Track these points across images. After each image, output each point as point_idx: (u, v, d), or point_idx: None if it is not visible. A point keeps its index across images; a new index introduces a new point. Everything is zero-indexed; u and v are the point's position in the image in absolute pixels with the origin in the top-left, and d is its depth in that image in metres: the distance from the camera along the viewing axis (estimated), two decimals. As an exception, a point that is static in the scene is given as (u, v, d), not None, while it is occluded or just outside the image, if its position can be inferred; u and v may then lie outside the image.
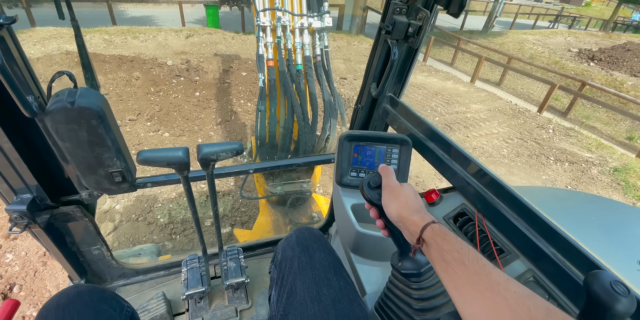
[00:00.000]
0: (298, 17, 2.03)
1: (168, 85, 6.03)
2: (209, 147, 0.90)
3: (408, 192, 0.68)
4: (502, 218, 0.85)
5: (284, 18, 2.00)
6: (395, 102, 1.23)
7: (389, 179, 0.72)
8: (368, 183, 0.75)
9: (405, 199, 0.67)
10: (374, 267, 1.08)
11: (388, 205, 0.68)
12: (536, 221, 0.79)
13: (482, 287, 0.46)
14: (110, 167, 0.94)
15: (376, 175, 0.77)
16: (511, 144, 5.98)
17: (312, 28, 2.11)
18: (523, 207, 0.82)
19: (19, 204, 0.96)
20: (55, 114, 0.78)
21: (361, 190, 0.76)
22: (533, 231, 0.80)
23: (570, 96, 8.28)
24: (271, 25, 2.02)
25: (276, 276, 0.91)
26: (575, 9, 28.74)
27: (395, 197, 0.68)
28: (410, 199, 0.67)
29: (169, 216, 3.43)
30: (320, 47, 2.16)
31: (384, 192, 0.70)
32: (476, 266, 0.49)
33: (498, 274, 0.47)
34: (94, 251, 1.30)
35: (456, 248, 0.54)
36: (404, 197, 0.67)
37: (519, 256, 0.84)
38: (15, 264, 2.72)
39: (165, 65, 6.55)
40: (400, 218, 0.64)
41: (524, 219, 0.82)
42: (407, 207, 0.65)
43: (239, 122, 5.51)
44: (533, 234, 0.80)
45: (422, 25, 0.99)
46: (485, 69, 10.15)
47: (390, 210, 0.67)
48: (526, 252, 0.82)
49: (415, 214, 0.63)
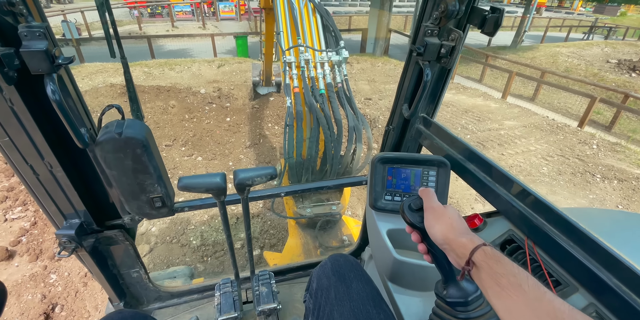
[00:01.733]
0: (318, 53, 2.27)
1: (201, 112, 6.35)
2: (245, 173, 0.92)
3: (452, 214, 0.66)
4: (555, 245, 0.78)
5: (306, 54, 2.25)
6: (428, 123, 1.21)
7: (431, 200, 0.70)
8: (409, 205, 0.73)
9: (449, 221, 0.64)
10: (414, 298, 1.02)
11: (432, 227, 0.65)
12: (596, 249, 0.72)
13: (543, 314, 0.42)
14: (152, 193, 0.98)
15: (417, 198, 0.75)
16: (551, 162, 5.63)
17: (331, 62, 2.31)
18: (579, 233, 0.75)
19: (68, 228, 1.02)
20: (104, 144, 0.83)
21: (402, 213, 0.74)
22: (593, 260, 0.73)
23: (613, 109, 7.77)
24: (295, 62, 2.25)
25: (312, 306, 0.87)
26: (610, 19, 27.65)
27: (439, 219, 0.65)
28: (455, 221, 0.64)
29: (201, 238, 3.49)
30: (340, 77, 2.31)
31: (427, 214, 0.68)
32: (536, 292, 0.45)
33: (561, 303, 0.43)
34: (133, 274, 1.33)
35: (512, 272, 0.49)
36: (448, 219, 0.64)
37: (578, 288, 0.76)
38: (58, 284, 2.85)
39: (199, 93, 6.94)
40: (446, 240, 0.62)
41: (582, 246, 0.75)
42: (453, 229, 0.62)
43: (267, 145, 5.64)
44: (593, 263, 0.72)
45: (455, 45, 0.98)
46: (517, 84, 9.84)
47: (435, 232, 0.64)
48: (586, 284, 0.74)
49: (463, 235, 0.60)
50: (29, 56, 0.68)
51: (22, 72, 0.71)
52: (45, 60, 0.68)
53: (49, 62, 0.69)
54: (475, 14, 0.95)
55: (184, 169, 4.80)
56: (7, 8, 0.65)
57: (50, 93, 0.70)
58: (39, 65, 0.69)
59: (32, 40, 0.68)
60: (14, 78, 0.69)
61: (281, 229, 3.64)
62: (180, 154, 5.15)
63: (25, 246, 3.13)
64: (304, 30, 2.34)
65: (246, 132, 5.95)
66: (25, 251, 3.09)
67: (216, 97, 6.86)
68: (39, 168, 0.92)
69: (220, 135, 5.75)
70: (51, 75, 0.70)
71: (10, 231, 3.29)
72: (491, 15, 0.89)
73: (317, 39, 2.35)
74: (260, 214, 3.87)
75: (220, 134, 5.79)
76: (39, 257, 3.06)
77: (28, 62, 0.68)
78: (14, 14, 0.68)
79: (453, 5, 0.92)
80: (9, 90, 0.77)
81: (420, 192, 0.74)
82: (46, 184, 0.95)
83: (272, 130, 6.10)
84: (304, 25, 2.36)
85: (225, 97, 6.94)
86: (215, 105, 6.65)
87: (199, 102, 6.63)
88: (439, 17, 0.99)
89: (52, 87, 0.70)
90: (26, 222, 3.42)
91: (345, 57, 2.32)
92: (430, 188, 0.77)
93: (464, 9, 0.94)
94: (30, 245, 3.15)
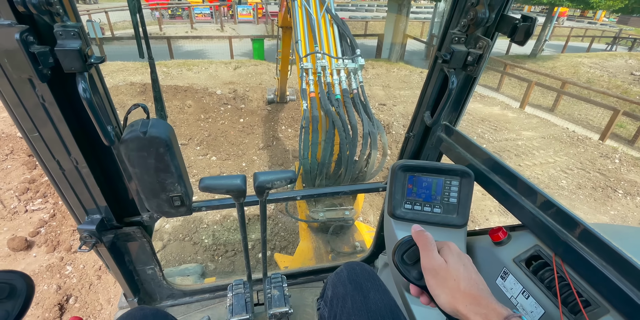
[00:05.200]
0: (335, 60, 2.32)
1: (216, 113, 6.44)
2: (265, 176, 0.91)
3: (458, 272, 0.51)
4: (586, 264, 0.75)
5: (323, 61, 2.30)
6: (450, 131, 1.19)
7: (428, 255, 0.56)
8: (402, 258, 0.60)
9: (456, 284, 0.50)
10: (432, 310, 0.99)
11: (436, 296, 0.53)
12: (629, 269, 0.68)
13: None
14: (172, 192, 0.99)
15: (410, 245, 0.61)
16: (570, 175, 5.48)
17: (347, 69, 2.33)
18: (611, 251, 0.71)
19: (89, 224, 1.03)
20: (129, 142, 0.84)
21: (396, 267, 0.61)
22: (626, 281, 0.69)
23: (637, 123, 7.52)
24: (312, 68, 2.29)
25: (327, 314, 0.86)
26: (635, 30, 26.89)
27: (443, 284, 0.52)
28: (463, 283, 0.49)
29: (213, 237, 3.52)
30: (356, 84, 2.33)
31: (427, 276, 0.55)
32: None
33: None
34: (148, 271, 1.35)
35: None
36: (454, 282, 0.50)
37: (610, 310, 0.72)
38: (73, 276, 2.91)
39: (215, 94, 7.04)
40: (457, 314, 0.49)
41: (614, 265, 0.71)
42: (463, 297, 0.49)
43: (280, 147, 5.67)
44: (626, 284, 0.68)
45: (482, 53, 0.96)
46: (536, 94, 9.64)
47: (442, 302, 0.52)
48: (618, 306, 0.70)
49: (477, 307, 0.47)
50: (63, 55, 0.69)
51: (55, 70, 0.72)
52: (78, 59, 0.70)
53: (82, 61, 0.71)
54: (505, 22, 0.94)
55: (198, 168, 4.86)
56: (45, 8, 0.67)
57: (82, 91, 0.71)
58: (72, 63, 0.70)
59: (66, 39, 0.70)
60: (47, 76, 0.71)
61: (292, 232, 3.64)
62: (195, 153, 5.22)
63: (43, 237, 3.21)
64: (321, 39, 2.40)
65: (260, 134, 5.99)
66: (44, 242, 3.17)
67: (231, 99, 6.95)
68: (65, 164, 0.94)
69: (234, 136, 5.81)
70: (83, 74, 0.72)
71: (30, 222, 3.39)
72: (522, 24, 0.87)
73: (334, 47, 2.41)
74: (271, 216, 3.87)
75: (235, 135, 5.85)
76: (56, 249, 3.13)
77: (62, 61, 0.70)
78: (51, 13, 0.70)
79: (483, 13, 0.90)
80: (41, 88, 0.79)
81: (415, 237, 0.61)
82: (71, 179, 0.97)
83: (285, 132, 6.13)
84: (321, 34, 2.42)
85: (240, 98, 7.03)
86: (230, 106, 6.73)
87: (215, 103, 6.73)
88: (467, 25, 0.97)
89: (84, 86, 0.72)
90: (45, 213, 3.51)
91: (361, 64, 2.34)
92: (425, 233, 0.61)
93: (493, 17, 0.92)
94: (49, 236, 3.23)
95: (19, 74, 0.68)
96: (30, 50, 0.66)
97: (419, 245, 0.59)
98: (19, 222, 3.41)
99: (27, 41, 0.65)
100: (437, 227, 1.07)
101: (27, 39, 0.65)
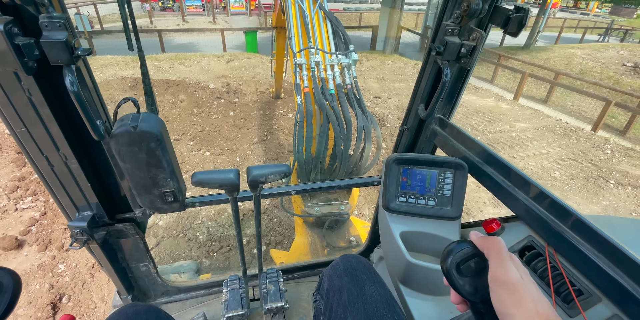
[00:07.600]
0: (328, 56, 2.33)
1: (210, 107, 6.37)
2: (259, 170, 0.90)
3: (532, 292, 0.45)
4: (578, 254, 0.76)
5: (317, 56, 2.31)
6: (444, 124, 1.18)
7: (505, 266, 0.46)
8: (457, 266, 0.50)
9: (533, 305, 0.44)
10: (427, 302, 1.00)
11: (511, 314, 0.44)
12: (621, 258, 0.69)
13: None
14: (164, 187, 0.98)
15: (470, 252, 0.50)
16: (563, 166, 5.54)
17: (340, 65, 2.35)
18: (603, 240, 0.72)
19: (80, 220, 1.02)
20: (120, 137, 0.83)
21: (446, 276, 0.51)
22: (617, 270, 0.70)
23: (628, 113, 7.60)
24: (306, 64, 2.30)
25: (323, 307, 0.86)
26: (627, 21, 27.00)
27: (520, 302, 0.44)
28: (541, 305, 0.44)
29: (207, 233, 3.51)
30: (350, 79, 2.34)
31: (500, 291, 0.46)
32: None
33: None
34: (142, 268, 1.34)
35: None
36: (532, 302, 0.44)
37: (602, 299, 0.73)
38: (66, 274, 2.88)
39: (208, 88, 6.95)
40: None
41: (606, 255, 0.72)
42: None
43: (274, 142, 5.64)
44: (618, 273, 0.70)
45: (475, 45, 0.95)
46: (530, 86, 9.68)
47: None
48: (610, 294, 0.72)
49: None
50: (49, 47, 0.67)
51: (41, 63, 0.70)
52: (65, 51, 0.68)
53: (69, 53, 0.69)
54: (498, 13, 0.93)
55: (192, 163, 4.82)
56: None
57: (69, 84, 0.69)
58: (58, 56, 0.68)
59: (52, 30, 0.67)
60: (33, 68, 0.69)
61: (287, 227, 3.64)
62: (189, 148, 5.17)
63: (34, 236, 3.18)
64: (315, 34, 2.41)
65: (254, 129, 5.95)
66: (35, 241, 3.13)
67: (225, 92, 6.87)
68: (54, 159, 0.92)
69: (228, 131, 5.76)
70: (70, 67, 0.70)
71: (20, 221, 3.35)
72: (515, 15, 0.87)
73: (328, 43, 2.42)
74: (266, 211, 3.87)
75: (228, 130, 5.80)
76: (48, 247, 3.10)
77: (48, 53, 0.68)
78: (36, 4, 0.68)
79: (476, 4, 0.89)
80: (27, 81, 0.77)
81: (481, 243, 0.50)
82: (60, 175, 0.96)
83: (279, 127, 6.10)
84: (314, 30, 2.43)
85: (233, 92, 6.95)
86: (224, 100, 6.66)
87: (208, 97, 6.65)
88: (460, 16, 0.96)
89: (71, 78, 0.70)
90: (36, 212, 3.47)
91: (355, 59, 2.35)
92: (497, 238, 0.51)
93: (486, 8, 0.91)
94: (40, 235, 3.19)
95: (4, 66, 0.65)
96: (14, 42, 0.63)
97: (489, 254, 0.49)
98: (9, 220, 3.36)
99: (11, 33, 0.63)
100: (432, 220, 1.08)
101: (11, 30, 0.63)
